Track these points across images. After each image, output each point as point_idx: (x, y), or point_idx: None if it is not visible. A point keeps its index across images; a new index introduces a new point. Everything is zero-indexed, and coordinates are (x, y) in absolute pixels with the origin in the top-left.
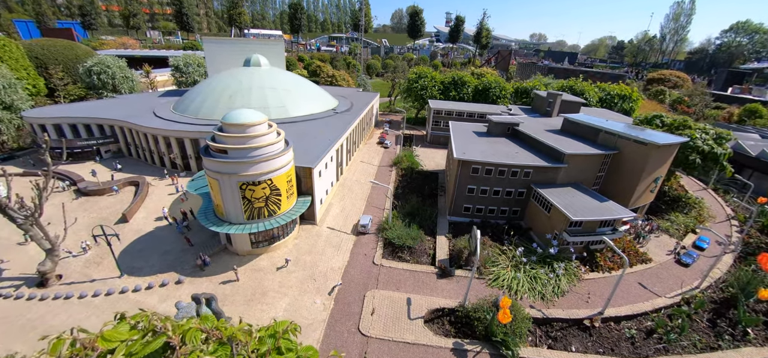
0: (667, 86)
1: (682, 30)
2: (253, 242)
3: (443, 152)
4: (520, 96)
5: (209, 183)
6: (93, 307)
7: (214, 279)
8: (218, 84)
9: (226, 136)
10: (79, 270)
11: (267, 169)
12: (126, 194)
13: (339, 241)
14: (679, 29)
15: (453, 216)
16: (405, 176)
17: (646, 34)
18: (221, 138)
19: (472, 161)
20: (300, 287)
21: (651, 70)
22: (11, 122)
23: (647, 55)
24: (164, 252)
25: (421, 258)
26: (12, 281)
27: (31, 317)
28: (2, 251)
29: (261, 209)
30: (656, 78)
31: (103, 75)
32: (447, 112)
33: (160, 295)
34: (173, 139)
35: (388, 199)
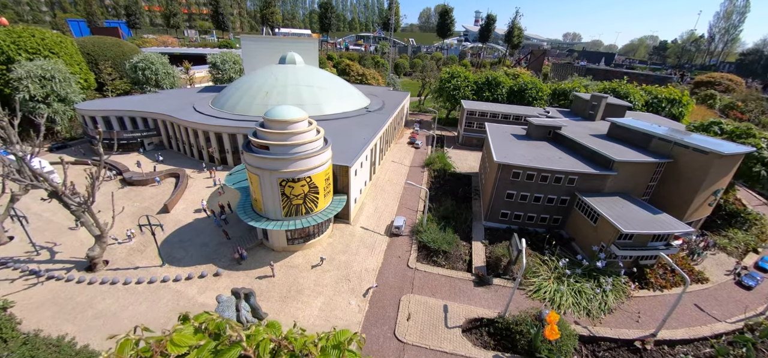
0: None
1: (734, 29)
2: (289, 238)
3: (476, 154)
4: (558, 98)
5: (249, 178)
6: (136, 294)
7: (250, 273)
8: (255, 81)
9: (268, 132)
10: (123, 257)
11: (307, 166)
12: (167, 185)
13: (372, 242)
14: (731, 28)
15: (489, 222)
16: (437, 178)
17: (692, 33)
18: (263, 134)
19: (512, 165)
20: (334, 287)
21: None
22: (65, 114)
23: (693, 57)
24: (203, 244)
25: (457, 264)
26: (63, 264)
27: (80, 301)
28: (55, 234)
29: (299, 207)
30: (705, 81)
31: (148, 71)
32: (481, 114)
33: (199, 286)
34: (212, 133)
35: (421, 200)
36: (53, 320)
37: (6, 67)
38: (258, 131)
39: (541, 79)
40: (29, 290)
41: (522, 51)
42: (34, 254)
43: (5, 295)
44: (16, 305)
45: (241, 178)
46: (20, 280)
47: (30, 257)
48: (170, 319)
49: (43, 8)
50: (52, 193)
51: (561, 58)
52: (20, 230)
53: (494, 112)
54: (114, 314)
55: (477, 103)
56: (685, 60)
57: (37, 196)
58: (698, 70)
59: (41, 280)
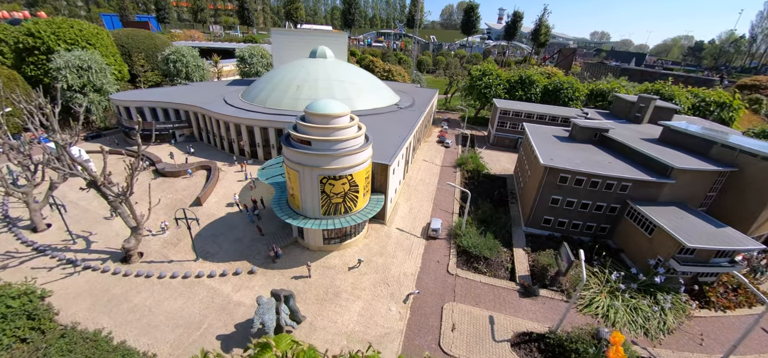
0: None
1: None
2: (325, 238)
3: (509, 155)
4: (595, 99)
5: (287, 173)
6: (171, 288)
7: (285, 273)
8: (286, 74)
9: (310, 126)
10: (157, 250)
11: (349, 164)
12: (198, 178)
13: (409, 244)
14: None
15: (530, 227)
16: (471, 179)
17: (731, 33)
18: (304, 128)
19: (560, 169)
20: (373, 291)
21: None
22: (100, 104)
23: (731, 58)
24: (236, 239)
25: (499, 271)
26: (99, 254)
27: (115, 293)
28: (91, 223)
29: (338, 205)
30: (749, 84)
31: (179, 63)
32: (515, 113)
33: (234, 284)
34: (244, 127)
35: (456, 202)
36: (89, 312)
37: (46, 57)
38: (299, 125)
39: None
40: (66, 280)
41: (548, 50)
42: (71, 243)
43: (44, 283)
44: (54, 295)
45: (274, 173)
46: (58, 269)
47: (67, 245)
48: (206, 316)
49: (79, 3)
50: (90, 182)
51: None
52: (58, 218)
53: (529, 112)
54: (149, 309)
55: (511, 102)
56: (722, 62)
57: (74, 185)
58: (738, 72)
59: (78, 270)
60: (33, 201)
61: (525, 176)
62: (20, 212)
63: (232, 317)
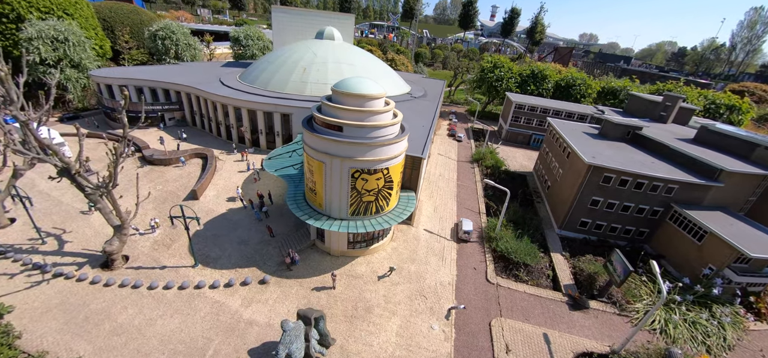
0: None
1: (758, 40)
2: (350, 241)
3: (524, 152)
4: (606, 97)
5: (308, 165)
6: (165, 303)
7: (304, 283)
8: (290, 55)
9: (341, 108)
10: (146, 252)
11: (386, 155)
12: (192, 167)
13: (440, 248)
14: (754, 39)
15: (565, 230)
16: (490, 176)
17: (713, 41)
18: (333, 111)
19: (605, 169)
20: (409, 305)
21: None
22: (78, 81)
23: (711, 65)
24: (241, 241)
25: (541, 279)
26: (74, 257)
27: (95, 309)
28: (64, 218)
29: (369, 204)
30: (737, 90)
31: (168, 41)
32: (531, 108)
33: (243, 297)
34: (245, 110)
35: (482, 201)
36: (61, 333)
37: (16, 26)
38: (326, 107)
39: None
40: (32, 290)
41: (541, 49)
42: (39, 243)
43: (3, 296)
44: (16, 310)
45: (283, 164)
46: (22, 275)
47: (34, 245)
48: (211, 340)
49: None
50: (62, 170)
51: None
52: (23, 212)
53: (545, 107)
54: (139, 330)
55: (527, 96)
56: (703, 68)
57: (45, 172)
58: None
59: (47, 277)
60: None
61: (552, 175)
62: None
63: (243, 341)
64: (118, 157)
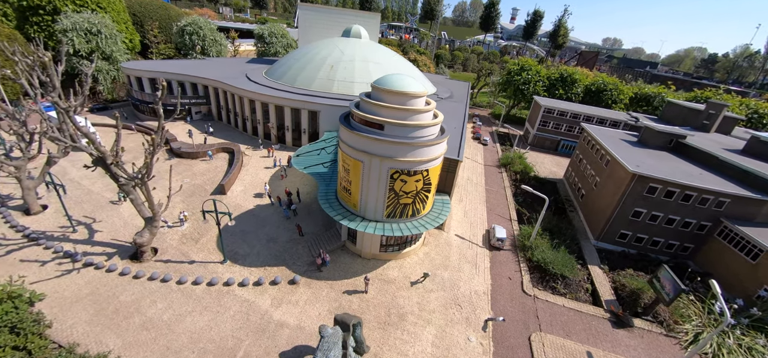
0: None
1: None
2: (382, 244)
3: (552, 158)
4: (638, 103)
5: (343, 163)
6: (194, 299)
7: (335, 285)
8: (317, 52)
9: (382, 106)
10: (175, 246)
11: (427, 156)
12: (219, 161)
13: (473, 255)
14: None
15: (602, 242)
16: (518, 182)
17: (746, 48)
18: (374, 108)
19: (652, 179)
20: (444, 314)
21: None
22: (108, 73)
23: (744, 73)
24: (269, 239)
25: (579, 293)
26: (104, 247)
27: (124, 301)
28: (94, 208)
29: (406, 207)
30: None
31: (195, 36)
32: (560, 113)
33: (273, 297)
34: (272, 106)
35: (513, 206)
36: (91, 325)
37: (52, 18)
38: (367, 104)
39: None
40: (63, 279)
41: (563, 53)
42: (70, 231)
43: (34, 283)
44: (47, 299)
45: (312, 161)
46: (53, 263)
47: (65, 233)
48: (241, 341)
49: None
50: (97, 159)
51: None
52: (55, 200)
53: (575, 112)
54: (168, 326)
55: (556, 101)
56: (735, 76)
57: (77, 160)
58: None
59: (77, 266)
60: (27, 177)
61: (587, 183)
62: (12, 189)
63: (274, 343)
64: (155, 148)
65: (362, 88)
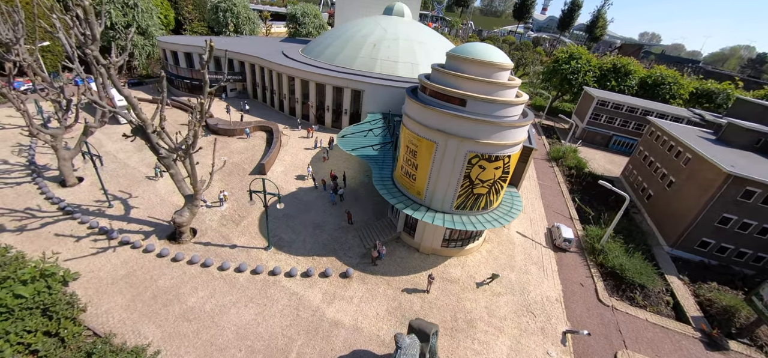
0: None
1: None
2: (445, 238)
3: (603, 154)
4: (699, 99)
5: (408, 144)
6: (238, 288)
7: (392, 282)
8: (359, 30)
9: (464, 78)
10: (214, 227)
11: (511, 140)
12: (256, 140)
13: (538, 256)
14: None
15: (679, 250)
16: (573, 179)
17: None
18: (453, 80)
19: (752, 181)
20: (517, 322)
21: None
22: (144, 48)
23: None
24: (315, 225)
25: (659, 305)
26: (140, 225)
27: (163, 286)
28: (130, 182)
29: (479, 198)
30: None
31: (229, 13)
32: (615, 106)
33: (324, 291)
34: (313, 84)
35: (570, 203)
36: (128, 311)
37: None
38: (443, 75)
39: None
40: (98, 258)
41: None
42: (106, 206)
43: (69, 260)
44: (81, 278)
45: (359, 143)
46: (87, 240)
47: (101, 208)
48: (293, 341)
49: None
50: (137, 128)
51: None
52: (91, 172)
53: (632, 106)
54: (211, 318)
55: (610, 93)
56: None
57: (112, 132)
58: None
59: (113, 244)
60: (63, 147)
61: (656, 183)
62: (48, 159)
63: (330, 346)
64: (203, 115)
65: (407, 69)
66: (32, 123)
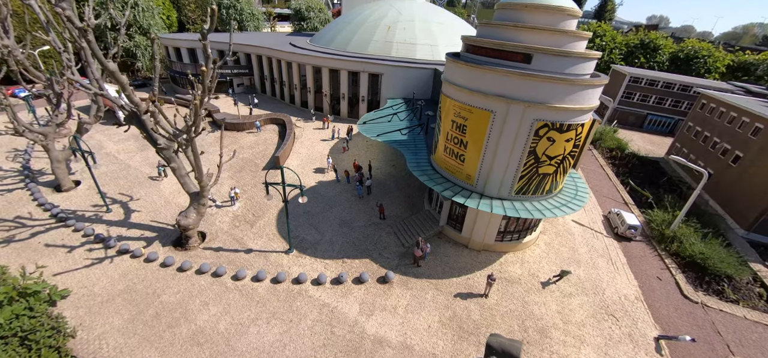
0: None
1: None
2: (500, 231)
3: (639, 135)
4: (734, 72)
5: (454, 119)
6: (258, 302)
7: (441, 286)
8: (371, 13)
9: (527, 28)
10: (225, 230)
11: (587, 102)
12: (268, 133)
13: (602, 247)
14: None
15: (758, 234)
16: (615, 160)
17: None
18: (511, 32)
19: None
20: (599, 329)
21: None
22: (147, 48)
23: None
24: (342, 222)
25: (752, 299)
26: (142, 230)
27: (168, 302)
28: (132, 184)
29: (543, 179)
30: None
31: (232, 9)
32: (649, 82)
33: (361, 300)
34: (326, 71)
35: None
36: (125, 336)
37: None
38: (498, 28)
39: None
40: (93, 270)
41: None
42: (104, 211)
43: (59, 274)
44: (72, 295)
45: (384, 129)
46: (82, 249)
47: (98, 213)
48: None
49: None
50: (131, 115)
51: None
52: (89, 175)
53: (669, 82)
54: (226, 341)
55: (643, 70)
56: None
57: (113, 133)
58: None
59: (111, 253)
60: (55, 148)
61: (716, 161)
62: (44, 164)
63: None
64: (206, 91)
65: (426, 51)
66: (18, 120)
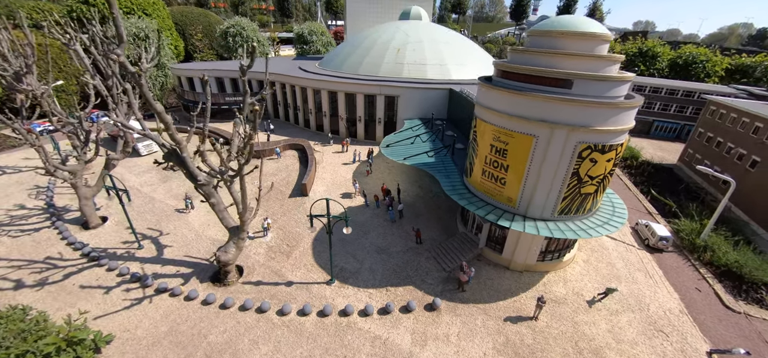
0: None
1: None
2: (541, 251)
3: (647, 141)
4: (732, 76)
5: (495, 143)
6: (307, 337)
7: (489, 310)
8: (379, 36)
9: (567, 54)
10: (262, 262)
11: (626, 123)
12: (288, 159)
13: (637, 260)
14: None
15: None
16: (629, 169)
17: None
18: (551, 59)
19: None
20: (651, 346)
21: None
22: (157, 79)
23: None
24: (379, 249)
25: None
26: (177, 267)
27: (215, 343)
28: (159, 218)
29: (585, 199)
30: None
31: (238, 37)
32: (653, 90)
33: (412, 330)
34: (342, 95)
35: (636, 196)
36: None
37: (101, 27)
38: (535, 55)
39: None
40: (133, 311)
41: None
42: (136, 247)
43: (99, 317)
44: (115, 341)
45: (409, 151)
46: (119, 289)
47: (130, 250)
48: None
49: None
50: (169, 154)
51: None
52: (115, 210)
53: (672, 88)
54: None
55: (645, 77)
56: None
57: (133, 165)
58: None
59: (149, 292)
60: (84, 185)
61: (734, 166)
62: (68, 200)
63: None
64: (256, 119)
65: (436, 71)
66: (49, 160)
